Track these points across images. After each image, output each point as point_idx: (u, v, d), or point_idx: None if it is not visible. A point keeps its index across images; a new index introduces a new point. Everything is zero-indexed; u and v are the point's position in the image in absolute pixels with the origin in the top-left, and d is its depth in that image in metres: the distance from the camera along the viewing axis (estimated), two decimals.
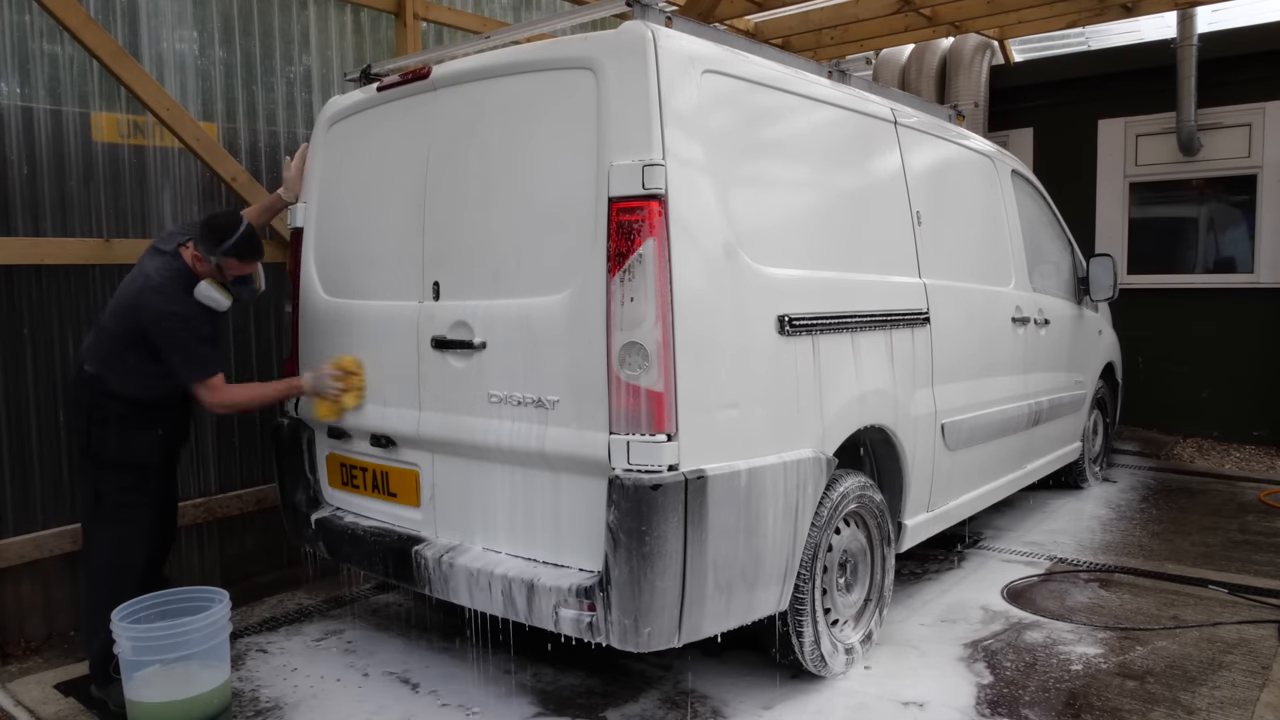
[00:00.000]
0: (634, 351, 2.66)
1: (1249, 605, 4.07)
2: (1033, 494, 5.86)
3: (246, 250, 3.31)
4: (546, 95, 2.93)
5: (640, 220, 2.66)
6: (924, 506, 3.97)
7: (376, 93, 3.50)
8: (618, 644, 2.71)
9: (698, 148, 2.82)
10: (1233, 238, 7.79)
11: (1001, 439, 4.64)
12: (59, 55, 4.00)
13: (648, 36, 2.74)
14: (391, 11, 5.05)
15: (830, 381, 3.24)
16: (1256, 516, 5.61)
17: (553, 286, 2.87)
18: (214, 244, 3.23)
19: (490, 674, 3.49)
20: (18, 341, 3.89)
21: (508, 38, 3.38)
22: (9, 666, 3.70)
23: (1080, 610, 4.05)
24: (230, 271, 3.31)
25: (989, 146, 5.07)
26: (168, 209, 4.34)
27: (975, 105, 8.01)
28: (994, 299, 4.61)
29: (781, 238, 3.19)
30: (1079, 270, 5.92)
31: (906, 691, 3.28)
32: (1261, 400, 7.47)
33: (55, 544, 3.93)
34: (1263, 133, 7.42)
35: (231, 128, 4.57)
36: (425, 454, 3.30)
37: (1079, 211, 7.66)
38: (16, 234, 3.85)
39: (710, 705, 3.23)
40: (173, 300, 3.22)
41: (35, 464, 3.94)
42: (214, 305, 3.29)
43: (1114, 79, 7.96)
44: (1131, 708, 3.14)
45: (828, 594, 3.37)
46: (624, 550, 2.64)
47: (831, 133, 3.59)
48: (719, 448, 2.81)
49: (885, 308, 3.61)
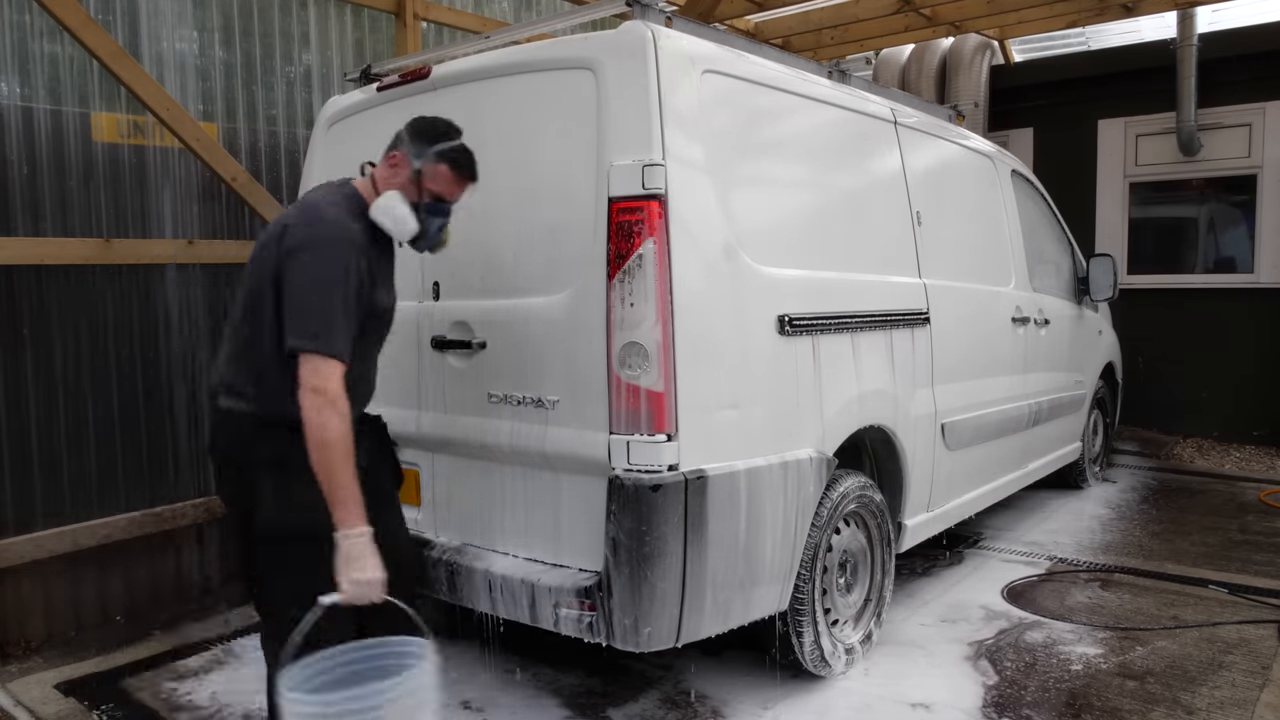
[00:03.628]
0: (634, 352, 2.66)
1: (1249, 605, 4.07)
2: (1032, 494, 5.86)
3: (465, 160, 2.57)
4: (546, 95, 2.93)
5: (640, 220, 2.66)
6: (924, 506, 3.97)
7: (376, 93, 3.50)
8: (618, 644, 2.71)
9: (698, 148, 2.82)
10: (1233, 238, 7.79)
11: (1001, 439, 4.64)
12: (59, 55, 4.00)
13: (648, 36, 2.74)
14: (391, 11, 5.05)
15: (830, 382, 3.24)
16: (1256, 516, 5.61)
17: (553, 286, 2.87)
18: (427, 142, 2.52)
19: (491, 673, 3.49)
20: (18, 341, 3.89)
21: (508, 38, 3.38)
22: (9, 666, 3.70)
23: (1080, 610, 4.05)
24: (434, 185, 2.53)
25: (989, 146, 5.07)
26: (168, 209, 4.34)
27: (975, 105, 8.00)
28: (994, 299, 4.61)
29: (781, 238, 3.19)
30: (1079, 270, 5.92)
31: (910, 692, 3.28)
32: (1261, 400, 7.47)
33: (55, 544, 3.93)
34: (1263, 133, 7.42)
35: (231, 128, 4.56)
36: (425, 454, 3.29)
37: (1079, 211, 7.66)
38: (16, 234, 3.85)
39: (710, 705, 3.23)
40: (328, 219, 2.39)
41: (35, 464, 3.94)
42: (394, 225, 2.49)
43: (1114, 79, 7.96)
44: (1131, 708, 3.15)
45: (827, 594, 3.37)
46: (624, 550, 2.64)
47: (831, 133, 3.59)
48: (719, 448, 2.81)
49: (885, 308, 3.61)
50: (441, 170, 2.53)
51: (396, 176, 2.53)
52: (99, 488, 4.13)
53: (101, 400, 4.13)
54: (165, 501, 4.33)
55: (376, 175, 2.58)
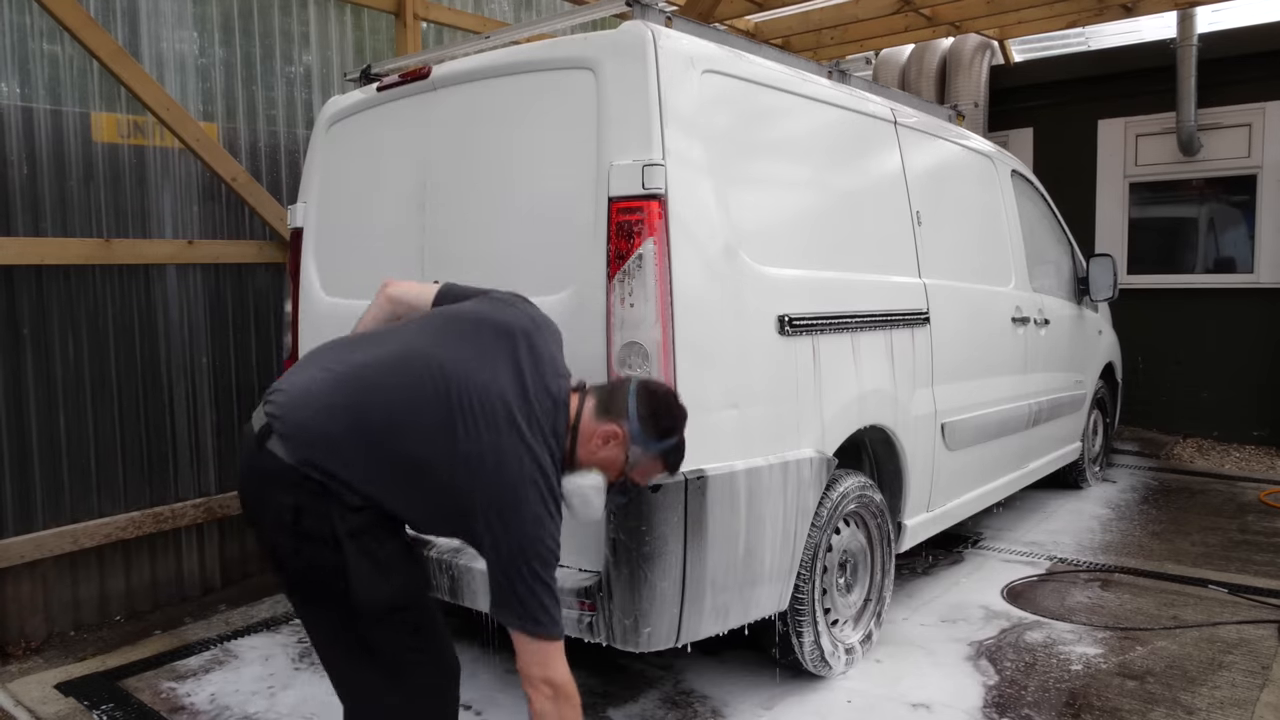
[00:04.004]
0: (634, 351, 2.66)
1: (1249, 605, 4.07)
2: (1032, 494, 5.86)
3: (678, 459, 2.30)
4: (546, 95, 2.93)
5: (640, 220, 2.66)
6: (924, 506, 3.97)
7: (376, 93, 3.50)
8: (618, 644, 2.71)
9: (697, 148, 2.82)
10: (1233, 238, 7.79)
11: (1001, 439, 4.64)
12: (59, 55, 4.00)
13: (648, 36, 2.74)
14: (391, 11, 5.05)
15: (830, 381, 3.24)
16: (1256, 516, 5.61)
17: (552, 286, 2.87)
18: (656, 436, 2.21)
19: (490, 674, 3.49)
20: (18, 341, 3.89)
21: (507, 38, 3.38)
22: (9, 666, 3.70)
23: (1080, 610, 4.05)
24: (638, 477, 2.27)
25: (989, 146, 5.07)
26: (168, 209, 4.34)
27: (975, 105, 8.00)
28: (994, 299, 4.61)
29: (781, 238, 3.19)
30: (1079, 270, 5.92)
31: (911, 692, 3.28)
32: (1261, 400, 7.47)
33: (55, 544, 3.93)
34: (1263, 133, 7.42)
35: (231, 128, 4.57)
36: None
37: (1079, 211, 7.66)
38: (16, 234, 3.85)
39: (710, 705, 3.23)
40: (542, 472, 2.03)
41: (35, 464, 3.94)
42: (581, 511, 2.17)
43: (1114, 79, 7.96)
44: (1131, 708, 3.14)
45: (827, 594, 3.37)
46: (624, 550, 2.64)
47: (831, 133, 3.59)
48: (719, 448, 2.81)
49: (885, 308, 3.61)
50: (655, 466, 2.26)
51: (608, 453, 2.17)
52: (99, 488, 4.13)
53: (101, 400, 4.14)
54: (165, 501, 4.33)
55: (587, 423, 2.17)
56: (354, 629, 2.08)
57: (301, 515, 2.00)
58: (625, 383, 2.28)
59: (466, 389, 2.05)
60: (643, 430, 2.18)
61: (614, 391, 2.25)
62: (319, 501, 2.00)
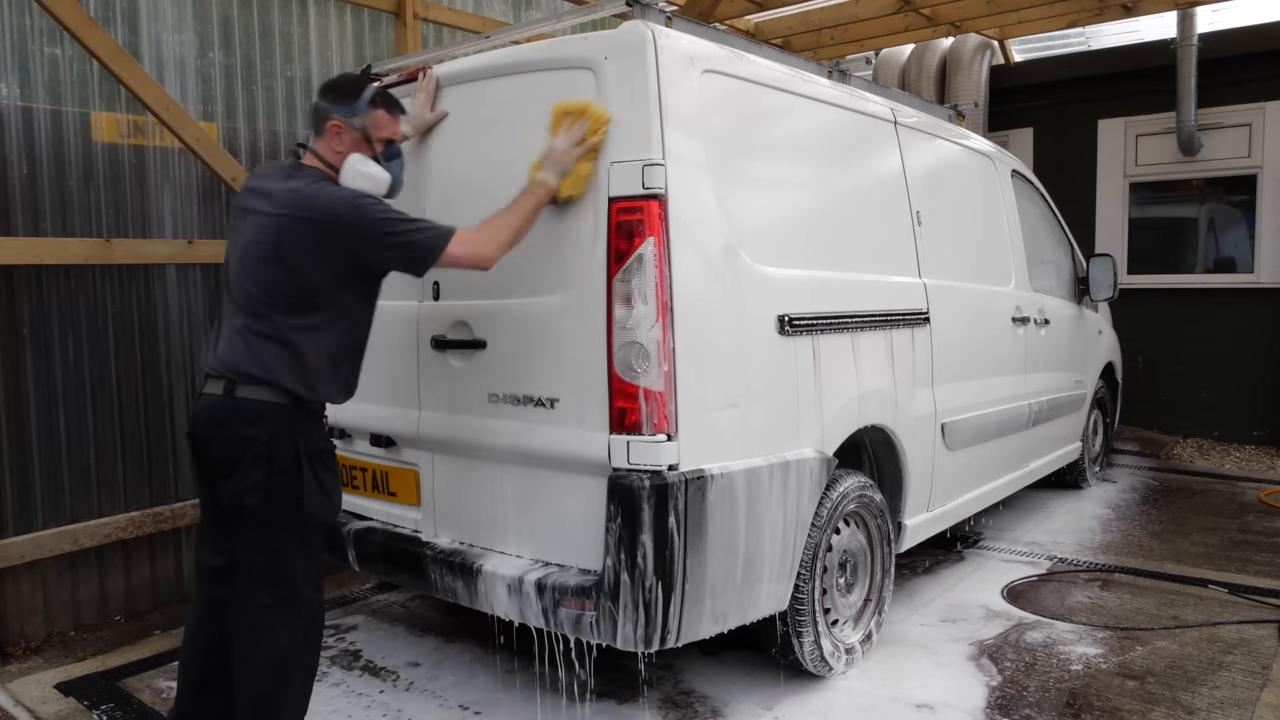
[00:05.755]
0: (634, 351, 2.66)
1: (1249, 605, 4.07)
2: (1033, 494, 5.86)
3: (389, 96, 2.76)
4: (547, 95, 2.93)
5: (640, 220, 2.66)
6: (924, 506, 3.97)
7: None
8: (618, 644, 2.71)
9: (697, 147, 2.82)
10: (1233, 238, 7.79)
11: (1001, 439, 4.64)
12: (59, 56, 4.00)
13: (648, 36, 2.74)
14: (391, 11, 5.05)
15: (830, 381, 3.24)
16: (1256, 516, 5.61)
17: (552, 286, 2.87)
18: (352, 98, 2.68)
19: (490, 674, 3.49)
20: (18, 341, 3.89)
21: (507, 38, 3.38)
22: (9, 666, 3.70)
23: (1080, 610, 4.05)
24: (379, 132, 2.71)
25: (989, 146, 5.08)
26: (168, 209, 4.34)
27: (975, 105, 8.01)
28: (994, 299, 4.61)
29: (781, 237, 3.19)
30: (1079, 270, 5.92)
31: (913, 693, 3.28)
32: (1261, 400, 7.47)
33: (55, 544, 3.93)
34: (1263, 133, 7.42)
35: (231, 128, 4.57)
36: (425, 454, 3.29)
37: (1079, 211, 7.66)
38: (16, 234, 3.85)
39: (710, 705, 3.23)
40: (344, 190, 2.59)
41: (35, 464, 3.94)
42: (371, 183, 2.64)
43: (1114, 79, 7.96)
44: (1131, 707, 3.14)
45: (827, 594, 3.37)
46: (624, 550, 2.64)
47: (831, 132, 3.59)
48: (719, 447, 2.81)
49: (885, 308, 3.61)
50: (379, 115, 2.71)
51: (343, 143, 2.67)
52: (99, 487, 4.13)
53: (101, 400, 4.13)
54: (165, 501, 4.33)
55: (322, 150, 2.69)
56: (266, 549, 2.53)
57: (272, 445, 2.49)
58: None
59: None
60: (340, 105, 2.66)
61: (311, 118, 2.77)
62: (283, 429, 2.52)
